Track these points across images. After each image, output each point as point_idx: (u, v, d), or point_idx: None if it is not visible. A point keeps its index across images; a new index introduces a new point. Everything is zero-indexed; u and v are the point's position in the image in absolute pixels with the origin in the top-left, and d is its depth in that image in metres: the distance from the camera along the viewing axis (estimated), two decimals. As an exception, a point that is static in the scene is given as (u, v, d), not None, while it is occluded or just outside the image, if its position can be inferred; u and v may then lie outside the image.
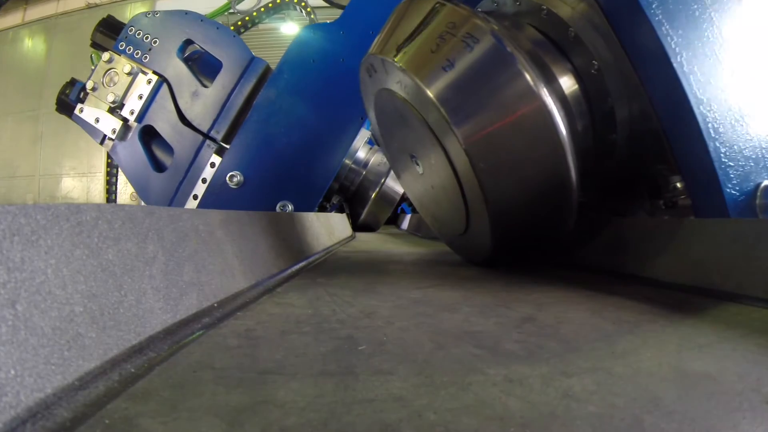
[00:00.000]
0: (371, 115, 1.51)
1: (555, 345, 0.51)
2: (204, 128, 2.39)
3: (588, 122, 1.23)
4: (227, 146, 2.40)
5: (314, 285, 0.94)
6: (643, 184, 1.24)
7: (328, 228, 2.01)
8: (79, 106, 2.65)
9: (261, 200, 2.42)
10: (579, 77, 1.21)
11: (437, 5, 1.11)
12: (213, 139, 2.40)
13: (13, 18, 7.11)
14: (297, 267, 1.18)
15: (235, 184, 2.35)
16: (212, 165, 2.38)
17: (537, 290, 0.92)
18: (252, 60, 2.48)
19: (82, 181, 6.86)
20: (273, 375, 0.41)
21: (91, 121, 2.59)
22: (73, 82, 2.76)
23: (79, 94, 2.72)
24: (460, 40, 1.03)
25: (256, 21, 4.05)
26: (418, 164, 1.31)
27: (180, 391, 0.36)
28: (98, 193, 6.41)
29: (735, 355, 0.45)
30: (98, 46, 2.63)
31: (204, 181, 2.38)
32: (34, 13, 7.06)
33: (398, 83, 1.15)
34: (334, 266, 1.38)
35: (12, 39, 7.14)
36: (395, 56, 1.12)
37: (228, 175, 2.35)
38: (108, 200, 5.27)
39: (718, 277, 0.78)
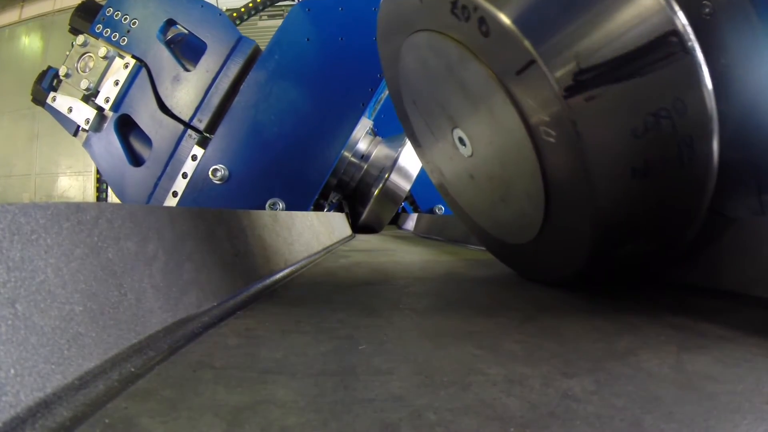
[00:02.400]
0: (392, 73, 1.26)
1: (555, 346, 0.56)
2: (185, 117, 2.44)
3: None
4: (211, 136, 2.45)
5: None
6: (749, 173, 1.01)
7: (321, 228, 2.06)
8: (51, 94, 2.73)
9: (248, 197, 2.45)
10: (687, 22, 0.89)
11: None
12: (195, 129, 2.44)
13: (10, 15, 7.54)
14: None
15: (219, 180, 2.39)
16: (194, 158, 2.42)
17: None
18: (239, 40, 2.52)
19: (78, 180, 7.23)
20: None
21: (64, 111, 2.66)
22: (48, 70, 2.83)
23: (52, 81, 2.80)
24: None
25: (252, 13, 4.14)
26: (463, 142, 1.06)
27: (180, 391, 0.40)
28: (94, 192, 6.76)
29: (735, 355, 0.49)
30: (77, 32, 2.70)
31: (185, 175, 2.42)
32: (31, 10, 7.48)
33: (448, 15, 0.86)
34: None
35: (8, 36, 7.57)
36: None
37: (211, 169, 2.38)
38: (98, 199, 5.49)
39: None
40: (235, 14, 4.16)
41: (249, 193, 2.50)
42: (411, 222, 3.74)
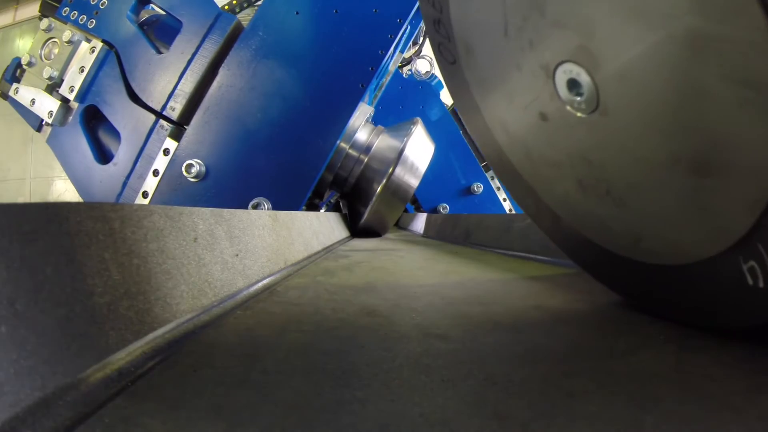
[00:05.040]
0: None
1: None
2: (157, 105, 2.34)
3: None
4: (186, 127, 2.33)
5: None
6: None
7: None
8: (14, 85, 2.72)
9: (229, 197, 2.32)
10: None
11: None
12: (167, 119, 2.33)
13: (5, 18, 8.21)
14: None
15: (195, 177, 2.25)
16: (166, 152, 2.31)
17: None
18: (218, 16, 2.42)
19: (74, 184, 7.77)
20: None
21: (26, 103, 2.64)
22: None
23: (15, 71, 2.81)
24: None
25: (245, 5, 4.16)
26: (576, 88, 0.70)
27: (180, 390, 0.41)
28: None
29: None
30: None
31: (156, 173, 2.31)
32: (26, 12, 8.09)
33: None
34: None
35: (2, 39, 8.22)
36: None
37: (184, 165, 2.25)
38: (86, 201, 5.82)
39: None
40: (226, 7, 4.19)
41: (229, 191, 2.37)
42: (418, 223, 3.47)
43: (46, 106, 2.53)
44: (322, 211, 2.95)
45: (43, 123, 2.60)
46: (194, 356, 0.50)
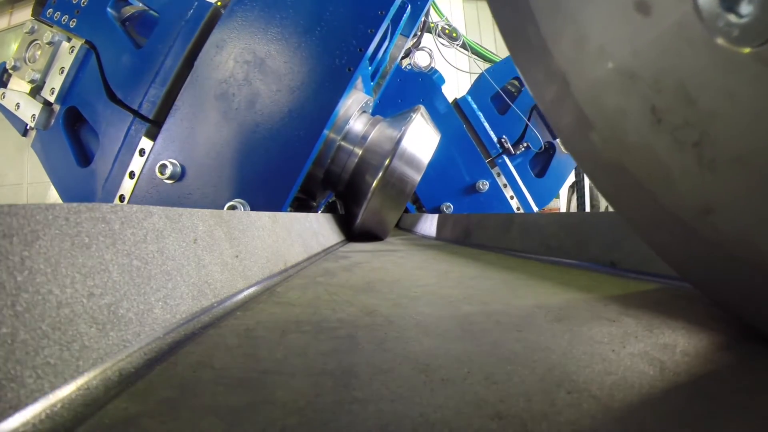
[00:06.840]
0: None
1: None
2: (134, 104, 2.32)
3: None
4: (163, 125, 2.28)
5: None
6: None
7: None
8: (1, 90, 2.73)
9: (206, 199, 2.24)
10: None
11: None
12: (142, 117, 2.30)
13: (0, 22, 8.26)
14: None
15: (169, 178, 2.19)
16: (141, 153, 2.28)
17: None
18: (196, 5, 2.39)
19: (71, 188, 7.96)
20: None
21: (12, 108, 2.65)
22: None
23: (2, 76, 2.81)
24: None
25: None
26: (734, 7, 0.45)
27: (180, 391, 0.43)
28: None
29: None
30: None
31: (132, 175, 2.28)
32: (20, 16, 8.18)
33: None
34: None
35: None
36: None
37: (158, 165, 2.18)
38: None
39: None
40: (219, 3, 4.20)
41: (207, 193, 2.26)
42: (422, 224, 3.37)
43: (30, 109, 2.54)
44: (320, 212, 2.93)
45: (28, 127, 2.61)
46: (194, 357, 0.52)
